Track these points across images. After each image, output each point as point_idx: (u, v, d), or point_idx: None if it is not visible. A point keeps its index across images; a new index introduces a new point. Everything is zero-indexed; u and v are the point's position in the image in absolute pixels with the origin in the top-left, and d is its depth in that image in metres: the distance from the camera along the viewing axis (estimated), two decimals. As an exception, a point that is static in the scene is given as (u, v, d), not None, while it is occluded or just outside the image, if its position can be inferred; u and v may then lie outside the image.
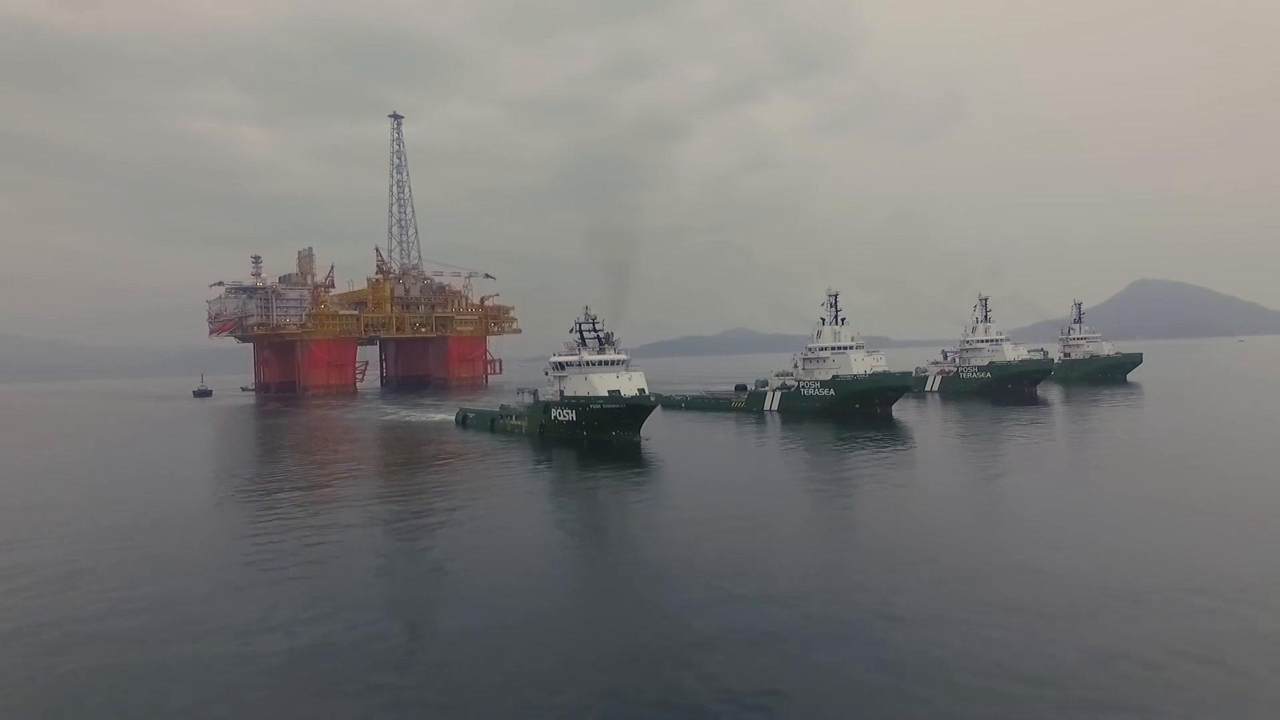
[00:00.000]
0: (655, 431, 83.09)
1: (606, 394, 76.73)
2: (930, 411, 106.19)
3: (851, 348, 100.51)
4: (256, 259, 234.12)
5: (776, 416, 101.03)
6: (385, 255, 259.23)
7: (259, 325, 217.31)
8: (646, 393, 78.78)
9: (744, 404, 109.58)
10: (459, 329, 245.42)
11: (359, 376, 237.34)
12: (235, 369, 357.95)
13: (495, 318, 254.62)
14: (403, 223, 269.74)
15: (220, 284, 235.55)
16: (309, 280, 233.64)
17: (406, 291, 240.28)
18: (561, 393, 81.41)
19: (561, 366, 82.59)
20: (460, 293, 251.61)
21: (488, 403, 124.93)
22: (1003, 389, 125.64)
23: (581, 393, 78.65)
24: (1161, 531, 34.96)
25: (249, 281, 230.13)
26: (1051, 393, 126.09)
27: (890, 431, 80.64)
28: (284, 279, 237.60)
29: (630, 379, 79.05)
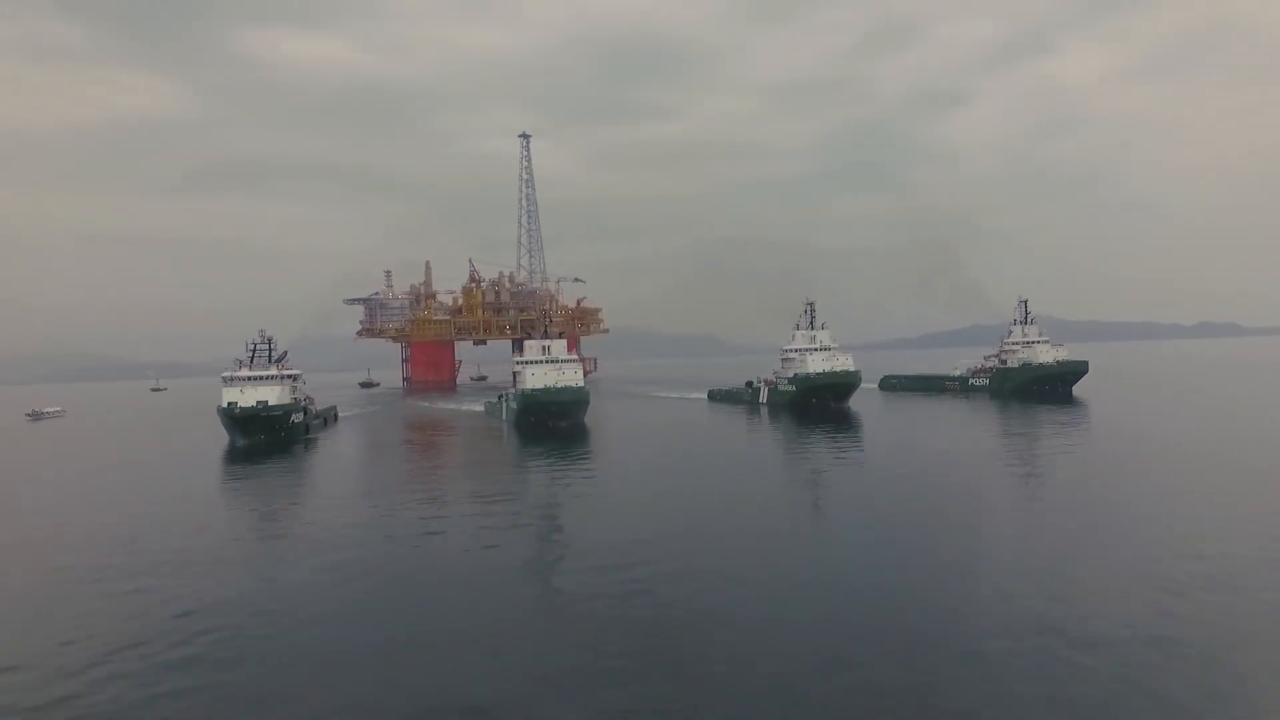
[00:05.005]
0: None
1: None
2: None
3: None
4: (388, 273, 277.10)
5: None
6: (515, 263, 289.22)
7: (366, 330, 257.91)
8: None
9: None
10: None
11: (456, 374, 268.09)
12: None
13: (582, 319, 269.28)
14: (531, 232, 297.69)
15: (376, 293, 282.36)
16: (422, 289, 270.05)
17: (497, 296, 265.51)
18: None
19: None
20: (552, 295, 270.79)
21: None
22: (809, 403, 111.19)
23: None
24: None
25: (383, 292, 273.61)
26: (955, 408, 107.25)
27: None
28: (412, 288, 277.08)
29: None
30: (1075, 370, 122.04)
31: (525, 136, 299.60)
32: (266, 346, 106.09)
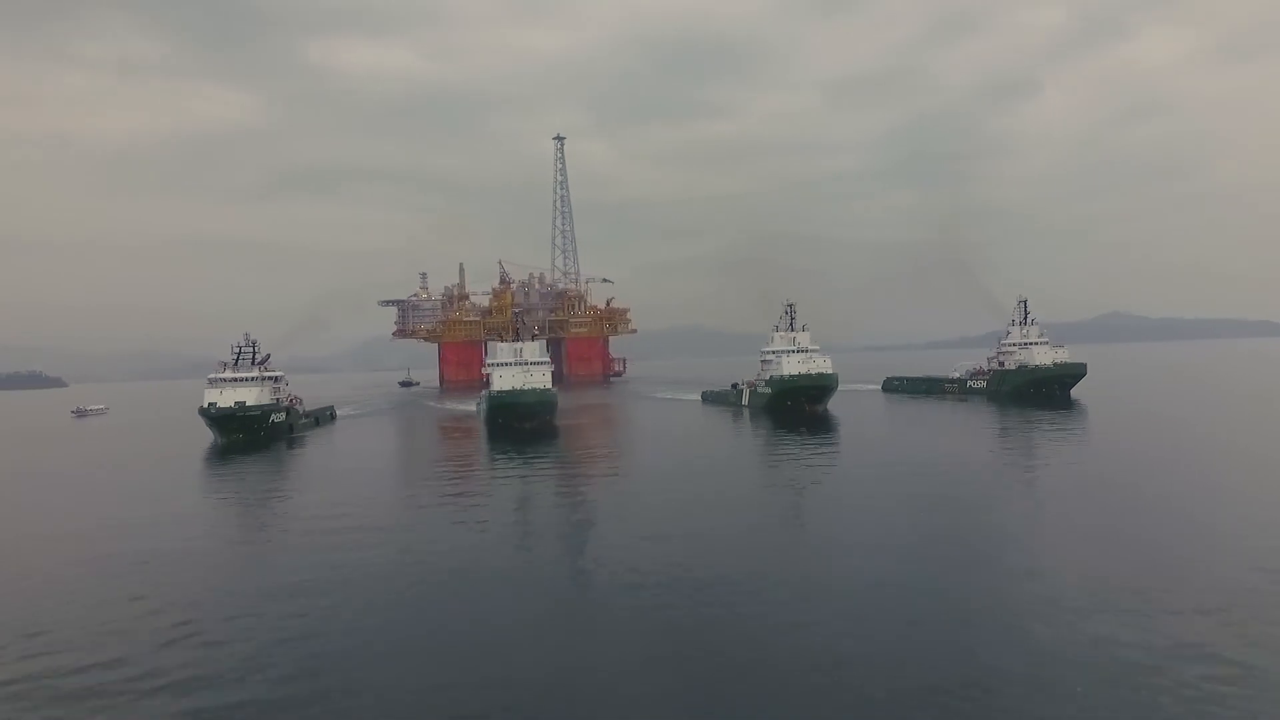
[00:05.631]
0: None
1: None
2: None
3: None
4: (423, 275, 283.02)
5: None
6: (550, 263, 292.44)
7: (398, 331, 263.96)
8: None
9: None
10: (575, 330, 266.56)
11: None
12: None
13: (610, 319, 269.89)
14: (565, 233, 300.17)
15: (414, 295, 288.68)
16: (455, 291, 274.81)
17: (527, 297, 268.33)
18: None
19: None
20: (580, 295, 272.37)
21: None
22: (784, 406, 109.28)
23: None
24: None
25: (419, 293, 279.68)
26: (947, 411, 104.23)
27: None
28: (446, 289, 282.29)
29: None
30: (1073, 373, 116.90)
31: (560, 139, 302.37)
32: (250, 349, 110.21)
